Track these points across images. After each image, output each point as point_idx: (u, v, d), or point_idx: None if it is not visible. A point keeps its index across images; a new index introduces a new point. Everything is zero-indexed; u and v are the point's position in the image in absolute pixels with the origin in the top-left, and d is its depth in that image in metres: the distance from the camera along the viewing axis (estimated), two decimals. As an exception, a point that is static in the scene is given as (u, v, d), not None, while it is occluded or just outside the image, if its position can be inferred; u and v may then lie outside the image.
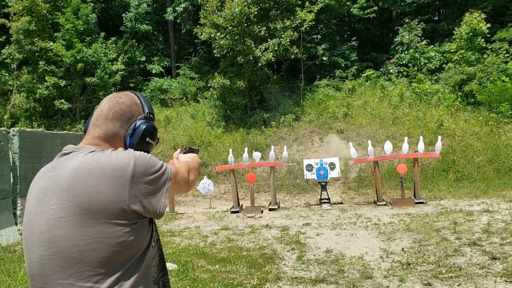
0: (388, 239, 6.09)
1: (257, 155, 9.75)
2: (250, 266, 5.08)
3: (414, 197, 8.99)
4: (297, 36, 14.85)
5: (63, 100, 15.36)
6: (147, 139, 1.29)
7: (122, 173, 1.13)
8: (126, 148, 1.26)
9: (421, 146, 9.15)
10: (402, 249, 5.50)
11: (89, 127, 1.29)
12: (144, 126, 1.28)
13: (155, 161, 1.22)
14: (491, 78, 13.56)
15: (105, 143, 1.25)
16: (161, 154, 14.22)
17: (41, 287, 1.14)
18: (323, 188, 9.66)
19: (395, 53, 17.68)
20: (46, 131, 8.62)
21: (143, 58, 19.47)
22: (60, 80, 15.28)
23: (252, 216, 8.57)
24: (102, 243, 1.10)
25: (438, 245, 5.57)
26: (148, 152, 1.31)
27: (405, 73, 16.87)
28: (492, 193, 9.28)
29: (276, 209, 9.24)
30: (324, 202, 9.45)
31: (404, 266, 4.78)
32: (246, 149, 10.17)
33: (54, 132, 9.14)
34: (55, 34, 15.93)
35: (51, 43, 15.31)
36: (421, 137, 9.46)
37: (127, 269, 1.14)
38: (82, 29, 16.17)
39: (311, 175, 9.64)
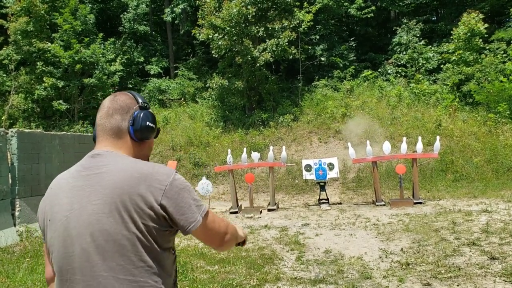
0: (387, 239, 6.09)
1: (255, 155, 9.74)
2: (249, 266, 5.08)
3: (413, 197, 9.00)
4: (295, 37, 14.85)
5: (61, 101, 15.33)
6: (147, 122, 1.36)
7: (159, 184, 1.22)
8: (132, 138, 1.35)
9: (419, 146, 9.15)
10: (401, 249, 5.50)
11: (97, 130, 1.37)
12: (142, 113, 1.37)
13: (193, 192, 1.30)
14: (489, 78, 13.59)
15: (118, 140, 1.34)
16: (160, 154, 14.21)
17: (79, 279, 1.20)
18: (322, 188, 9.66)
19: (393, 53, 17.70)
20: (45, 132, 8.59)
21: (141, 59, 19.45)
22: (58, 81, 15.25)
23: (251, 217, 8.57)
24: (140, 241, 1.19)
25: (437, 245, 5.58)
26: (150, 137, 1.39)
27: (403, 74, 16.89)
28: (490, 193, 9.30)
29: (275, 209, 9.23)
30: (323, 203, 9.44)
31: (403, 266, 4.78)
32: (244, 149, 10.15)
33: (53, 133, 9.10)
34: (53, 35, 15.90)
35: (49, 44, 15.28)
36: (419, 137, 9.46)
37: (159, 268, 1.23)
38: (80, 29, 16.13)
39: (309, 176, 9.63)
